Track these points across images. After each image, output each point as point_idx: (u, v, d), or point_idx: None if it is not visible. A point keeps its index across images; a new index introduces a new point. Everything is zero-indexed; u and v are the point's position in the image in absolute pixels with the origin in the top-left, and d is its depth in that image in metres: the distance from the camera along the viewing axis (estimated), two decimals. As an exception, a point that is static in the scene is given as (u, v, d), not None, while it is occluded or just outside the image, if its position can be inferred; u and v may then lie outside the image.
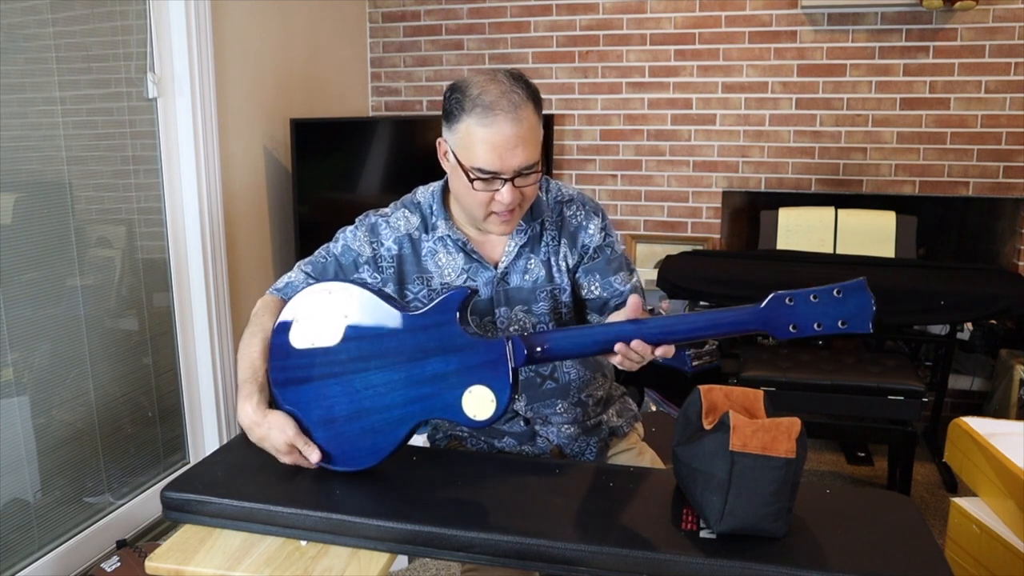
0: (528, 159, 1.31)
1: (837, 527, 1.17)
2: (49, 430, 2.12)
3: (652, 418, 1.89)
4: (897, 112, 3.13)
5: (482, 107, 1.29)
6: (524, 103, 1.30)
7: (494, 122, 1.28)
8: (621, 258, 1.51)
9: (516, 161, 1.30)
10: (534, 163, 1.33)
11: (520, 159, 1.30)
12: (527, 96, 1.31)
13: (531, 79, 1.37)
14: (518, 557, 1.17)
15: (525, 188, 1.35)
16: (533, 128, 1.32)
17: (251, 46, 2.81)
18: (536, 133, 1.33)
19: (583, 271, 1.48)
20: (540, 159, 1.34)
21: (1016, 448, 1.73)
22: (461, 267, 1.46)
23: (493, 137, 1.29)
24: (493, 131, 1.28)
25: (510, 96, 1.29)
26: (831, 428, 2.76)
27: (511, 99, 1.29)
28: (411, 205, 1.50)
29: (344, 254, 1.48)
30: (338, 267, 1.48)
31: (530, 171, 1.33)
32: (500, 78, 1.31)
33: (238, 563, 1.21)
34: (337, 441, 1.31)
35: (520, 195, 1.35)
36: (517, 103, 1.29)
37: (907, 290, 2.70)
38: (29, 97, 2.04)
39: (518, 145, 1.29)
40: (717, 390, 1.27)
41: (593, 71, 3.42)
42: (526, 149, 1.31)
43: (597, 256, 1.48)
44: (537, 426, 1.53)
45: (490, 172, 1.31)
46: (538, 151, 1.34)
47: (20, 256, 2.00)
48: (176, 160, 2.48)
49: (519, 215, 1.40)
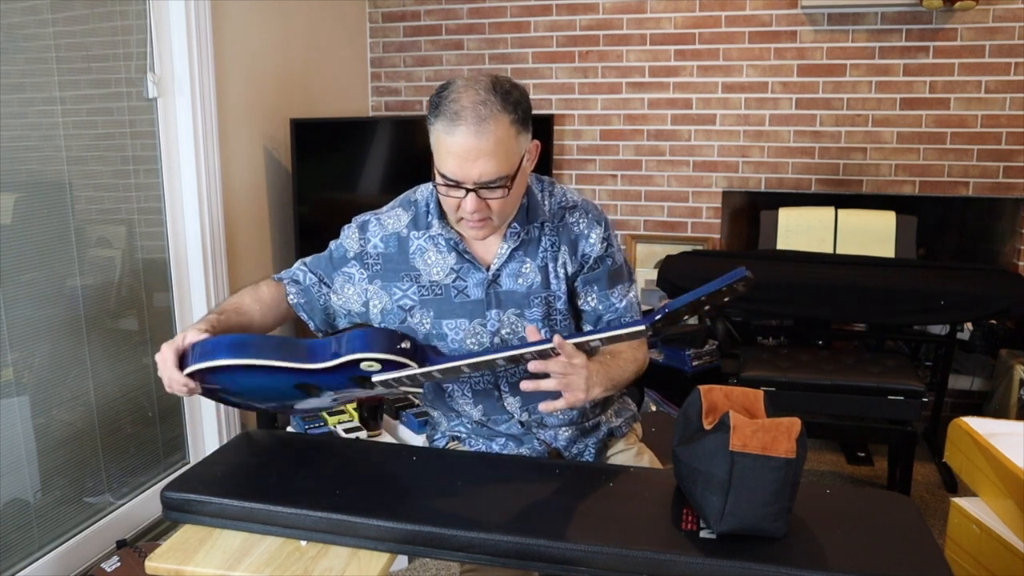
0: (490, 173, 1.29)
1: (837, 527, 1.17)
2: (49, 430, 2.12)
3: (652, 418, 1.89)
4: (897, 112, 3.13)
5: (448, 115, 1.27)
6: (494, 116, 1.27)
7: (455, 131, 1.27)
8: (622, 269, 1.51)
9: (475, 173, 1.28)
10: (498, 178, 1.29)
11: (479, 172, 1.28)
12: (501, 108, 1.27)
13: (525, 83, 1.35)
14: (518, 557, 1.17)
15: (492, 200, 1.32)
16: (501, 142, 1.28)
17: (251, 46, 2.80)
18: (506, 147, 1.29)
19: (581, 281, 1.47)
20: (512, 173, 1.31)
21: (1016, 448, 1.73)
22: (452, 267, 1.45)
23: (454, 147, 1.27)
24: (455, 140, 1.27)
25: (477, 109, 1.26)
26: (831, 428, 2.76)
27: (478, 112, 1.26)
28: (407, 203, 1.51)
29: (337, 249, 1.54)
30: (330, 260, 1.53)
31: (494, 185, 1.30)
32: (477, 86, 1.29)
33: (238, 563, 1.21)
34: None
35: (486, 206, 1.33)
36: (484, 116, 1.26)
37: (907, 290, 2.70)
38: (29, 97, 2.04)
39: (479, 157, 1.27)
40: (717, 390, 1.27)
41: (593, 71, 3.42)
42: (488, 162, 1.28)
43: (597, 267, 1.47)
44: (533, 428, 1.53)
45: (452, 180, 1.31)
46: (507, 166, 1.30)
47: (20, 256, 2.00)
48: (176, 160, 2.48)
49: (495, 224, 1.38)
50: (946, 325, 2.92)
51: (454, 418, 1.57)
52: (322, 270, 1.53)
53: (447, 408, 1.55)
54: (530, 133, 1.36)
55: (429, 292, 1.46)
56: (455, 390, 1.51)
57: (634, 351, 1.45)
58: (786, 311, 2.90)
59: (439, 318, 1.46)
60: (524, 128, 1.33)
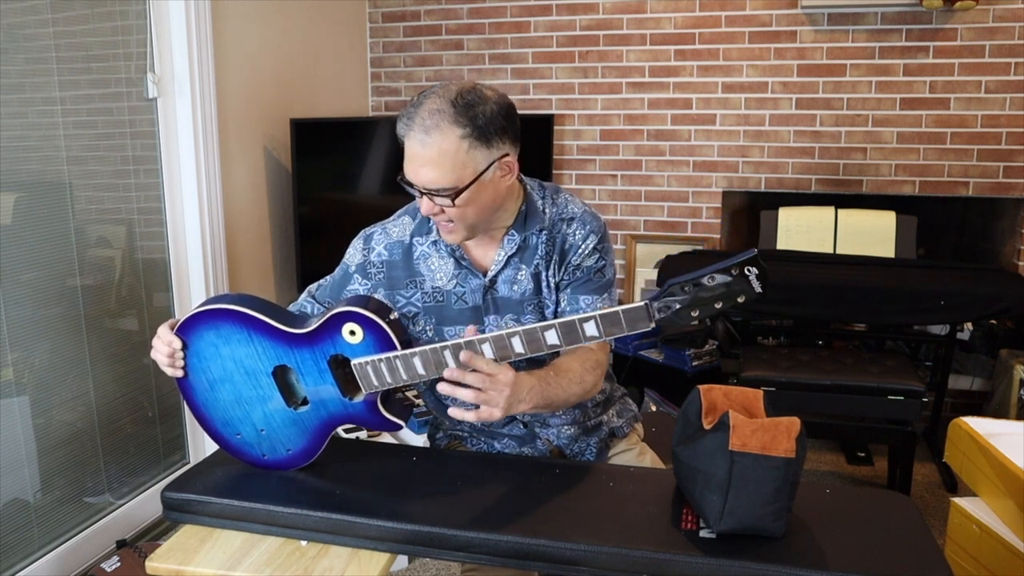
0: (432, 182, 1.29)
1: (837, 527, 1.18)
2: (49, 430, 2.12)
3: (652, 418, 1.89)
4: (897, 112, 3.13)
5: (405, 118, 1.30)
6: (440, 128, 1.27)
7: (407, 136, 1.30)
8: (604, 282, 1.47)
9: (420, 179, 1.31)
10: (442, 188, 1.29)
11: (423, 179, 1.30)
12: (452, 121, 1.27)
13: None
14: (518, 557, 1.17)
15: (447, 208, 1.32)
16: (445, 154, 1.27)
17: (251, 46, 2.81)
18: (452, 159, 1.28)
19: (563, 286, 1.46)
20: (459, 187, 1.29)
21: (1016, 448, 1.73)
22: (452, 273, 1.46)
23: (406, 150, 1.32)
24: (406, 144, 1.31)
25: (430, 118, 1.27)
26: (831, 428, 2.76)
27: (425, 121, 1.27)
28: (412, 210, 1.52)
29: (340, 269, 1.55)
30: (333, 285, 1.55)
31: (442, 194, 1.30)
32: (442, 95, 1.29)
33: (238, 563, 1.21)
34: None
35: (441, 211, 1.33)
36: (429, 127, 1.27)
37: (907, 290, 2.70)
38: (29, 97, 2.04)
39: (423, 165, 1.29)
40: (717, 390, 1.27)
41: (593, 71, 3.42)
42: (431, 171, 1.29)
43: (579, 273, 1.45)
44: (536, 428, 1.53)
45: (407, 181, 1.33)
46: (453, 178, 1.29)
47: (20, 256, 2.00)
48: (176, 160, 2.48)
49: (462, 229, 1.37)
50: (946, 325, 2.92)
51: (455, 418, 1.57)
52: (329, 298, 1.54)
53: (447, 410, 1.55)
54: (497, 149, 1.32)
55: (432, 299, 1.46)
56: None
57: (584, 372, 1.39)
58: (786, 311, 2.90)
59: (440, 324, 1.46)
60: (482, 143, 1.30)
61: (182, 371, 1.36)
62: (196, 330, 1.33)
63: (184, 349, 1.34)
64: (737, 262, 1.11)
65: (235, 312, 1.31)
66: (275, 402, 1.34)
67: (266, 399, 1.34)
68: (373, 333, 1.25)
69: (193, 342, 1.34)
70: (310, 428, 1.34)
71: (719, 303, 1.13)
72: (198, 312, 1.33)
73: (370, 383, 1.28)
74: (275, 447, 1.36)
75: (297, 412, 1.34)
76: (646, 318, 1.16)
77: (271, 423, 1.35)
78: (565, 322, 1.18)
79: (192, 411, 1.40)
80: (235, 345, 1.32)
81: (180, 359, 1.35)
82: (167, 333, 1.34)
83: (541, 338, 1.19)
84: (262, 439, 1.36)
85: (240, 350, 1.32)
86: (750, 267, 1.11)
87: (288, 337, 1.30)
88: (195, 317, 1.33)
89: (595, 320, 1.17)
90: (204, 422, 1.39)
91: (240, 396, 1.35)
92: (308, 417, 1.34)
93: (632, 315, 1.16)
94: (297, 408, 1.34)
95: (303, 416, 1.34)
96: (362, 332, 1.25)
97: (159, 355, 1.35)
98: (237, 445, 1.39)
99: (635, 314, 1.16)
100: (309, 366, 1.30)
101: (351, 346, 1.27)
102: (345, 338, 1.27)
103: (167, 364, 1.35)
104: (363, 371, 1.27)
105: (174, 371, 1.36)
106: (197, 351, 1.34)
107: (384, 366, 1.26)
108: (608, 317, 1.17)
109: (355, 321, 1.25)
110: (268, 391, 1.33)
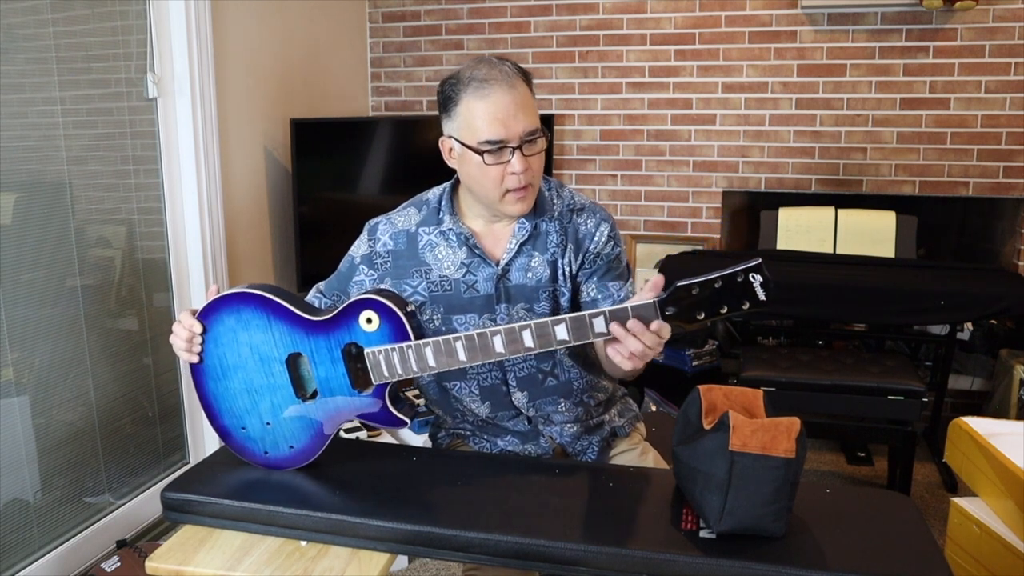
0: (530, 124, 1.36)
1: (837, 527, 1.17)
2: (49, 430, 2.12)
3: (652, 418, 1.89)
4: (897, 112, 3.13)
5: (476, 81, 1.35)
6: (515, 75, 1.37)
7: (491, 92, 1.34)
8: (623, 268, 1.53)
9: (520, 127, 1.34)
10: (537, 128, 1.37)
11: (523, 124, 1.35)
12: (516, 71, 1.38)
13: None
14: (518, 557, 1.17)
15: (532, 158, 1.38)
16: (527, 96, 1.37)
17: (251, 46, 2.81)
18: (531, 102, 1.38)
19: (584, 275, 1.49)
20: (542, 127, 1.39)
21: (1016, 448, 1.73)
22: (462, 261, 1.46)
23: (493, 107, 1.34)
24: (491, 101, 1.34)
25: (501, 68, 1.36)
26: (831, 428, 2.76)
27: (502, 70, 1.36)
28: (419, 203, 1.53)
29: (345, 262, 1.56)
30: (340, 279, 1.56)
31: (535, 136, 1.37)
32: (487, 59, 1.38)
33: (238, 563, 1.21)
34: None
35: (529, 165, 1.37)
36: (511, 75, 1.36)
37: (907, 290, 2.70)
38: (29, 97, 2.04)
39: (518, 111, 1.34)
40: (717, 390, 1.27)
41: (593, 71, 3.42)
42: (527, 115, 1.36)
43: (599, 261, 1.48)
44: (540, 425, 1.53)
45: (497, 141, 1.34)
46: (537, 119, 1.39)
47: (20, 256, 2.00)
48: (176, 160, 2.48)
49: (533, 193, 1.42)
50: (946, 325, 2.92)
51: (459, 417, 1.57)
52: (336, 290, 1.56)
53: (451, 408, 1.56)
54: None
55: (439, 288, 1.47)
56: (462, 387, 1.51)
57: None
58: (786, 311, 2.90)
59: (449, 313, 1.47)
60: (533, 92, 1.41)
61: (198, 356, 1.36)
62: (217, 315, 1.35)
63: (203, 334, 1.36)
64: (742, 268, 1.12)
65: (258, 296, 1.33)
66: (284, 392, 1.35)
67: (276, 388, 1.35)
68: (389, 322, 1.27)
69: (212, 327, 1.35)
70: (316, 423, 1.35)
71: (724, 308, 1.15)
72: (222, 296, 1.35)
73: (380, 373, 1.29)
74: (278, 443, 1.37)
75: (305, 404, 1.35)
76: (655, 316, 1.17)
77: (277, 415, 1.36)
78: (575, 317, 1.20)
79: (200, 400, 1.41)
80: (253, 331, 1.34)
81: (198, 344, 1.35)
82: (189, 318, 1.35)
83: (551, 332, 1.21)
84: (266, 433, 1.37)
85: (257, 336, 1.33)
86: (755, 274, 1.12)
87: (306, 324, 1.32)
88: (218, 301, 1.35)
89: (604, 316, 1.19)
90: (211, 413, 1.40)
91: (251, 385, 1.36)
92: (315, 410, 1.35)
93: (641, 312, 1.18)
94: (305, 400, 1.35)
95: (310, 409, 1.35)
96: (379, 320, 1.28)
97: (177, 339, 1.36)
98: (241, 440, 1.39)
99: (644, 311, 1.18)
100: (323, 354, 1.32)
101: (366, 334, 1.29)
102: (361, 326, 1.29)
103: (184, 348, 1.36)
104: (375, 359, 1.29)
105: (190, 356, 1.36)
106: (215, 336, 1.35)
107: (396, 356, 1.28)
108: (617, 313, 1.19)
109: (373, 309, 1.28)
110: (279, 379, 1.34)
